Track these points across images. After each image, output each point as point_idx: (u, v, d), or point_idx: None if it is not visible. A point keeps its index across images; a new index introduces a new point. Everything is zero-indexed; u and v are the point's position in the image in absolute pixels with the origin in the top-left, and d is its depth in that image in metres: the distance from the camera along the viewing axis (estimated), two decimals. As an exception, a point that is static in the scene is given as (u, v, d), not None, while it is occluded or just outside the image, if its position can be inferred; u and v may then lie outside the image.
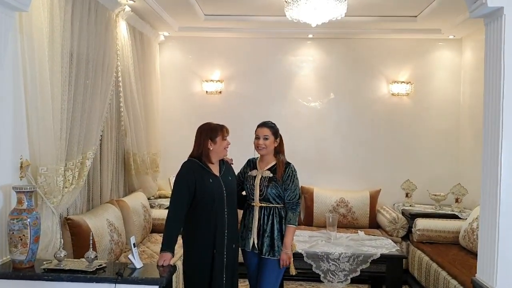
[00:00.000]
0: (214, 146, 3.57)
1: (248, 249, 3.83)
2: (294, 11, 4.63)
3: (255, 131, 3.91)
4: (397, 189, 6.52)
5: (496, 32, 3.08)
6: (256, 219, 3.80)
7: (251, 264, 3.90)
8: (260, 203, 3.80)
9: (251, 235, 3.81)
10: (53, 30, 3.54)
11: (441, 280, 4.76)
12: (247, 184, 3.89)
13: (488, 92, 3.20)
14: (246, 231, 3.85)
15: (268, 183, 3.79)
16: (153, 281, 3.00)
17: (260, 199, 3.80)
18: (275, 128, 3.91)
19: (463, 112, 6.65)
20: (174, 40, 6.91)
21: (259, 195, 3.80)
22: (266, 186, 3.79)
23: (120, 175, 5.62)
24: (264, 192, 3.78)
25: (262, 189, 3.79)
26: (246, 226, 3.87)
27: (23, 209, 3.05)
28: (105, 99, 4.66)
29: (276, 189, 3.78)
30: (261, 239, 3.77)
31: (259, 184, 3.80)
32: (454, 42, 6.70)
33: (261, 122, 3.95)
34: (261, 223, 3.78)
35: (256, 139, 3.88)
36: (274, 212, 3.79)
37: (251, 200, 3.85)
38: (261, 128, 3.88)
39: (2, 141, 3.11)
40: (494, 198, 3.09)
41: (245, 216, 3.90)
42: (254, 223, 3.80)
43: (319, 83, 6.91)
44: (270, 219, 3.78)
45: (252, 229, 3.81)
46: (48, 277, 2.97)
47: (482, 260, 3.26)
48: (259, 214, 3.80)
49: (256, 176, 3.86)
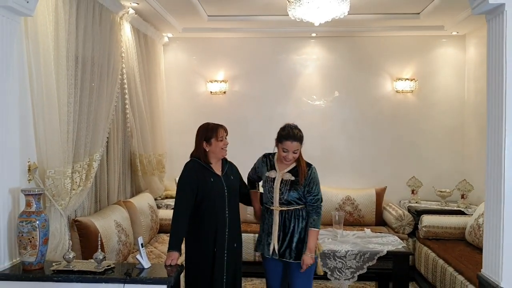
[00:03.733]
0: (209, 147, 3.60)
1: (268, 255, 3.67)
2: (296, 11, 4.65)
3: (282, 142, 3.59)
4: (403, 186, 6.53)
5: (498, 28, 3.08)
6: (277, 224, 3.62)
7: (274, 270, 3.75)
8: (280, 207, 3.63)
9: (271, 240, 3.64)
10: (58, 34, 3.58)
11: (447, 276, 4.77)
12: (265, 186, 3.71)
13: (491, 89, 3.20)
14: (266, 236, 3.69)
15: (290, 186, 3.61)
16: (161, 281, 3.02)
17: (280, 202, 3.63)
18: (303, 137, 3.63)
19: (468, 108, 6.65)
20: (178, 41, 6.95)
21: (279, 199, 3.63)
22: (288, 189, 3.60)
23: (126, 176, 5.66)
24: (285, 196, 3.60)
25: (283, 192, 3.61)
26: (265, 230, 3.70)
27: (32, 211, 3.08)
28: (110, 101, 4.70)
29: (297, 192, 3.61)
30: (285, 244, 3.61)
31: (279, 187, 3.63)
32: (457, 38, 6.70)
33: (290, 134, 3.59)
34: (282, 227, 3.62)
35: (284, 152, 3.59)
36: (295, 215, 3.62)
37: (270, 203, 3.67)
38: (292, 143, 3.56)
39: (9, 144, 3.14)
40: (499, 194, 3.10)
41: (264, 220, 3.74)
42: (274, 228, 3.63)
43: (323, 81, 6.93)
44: (292, 222, 3.61)
45: (273, 234, 3.64)
46: (57, 278, 3.01)
47: (487, 256, 3.26)
48: (280, 218, 3.63)
49: (275, 178, 3.66)
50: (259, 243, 3.76)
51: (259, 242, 3.78)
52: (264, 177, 3.73)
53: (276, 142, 3.67)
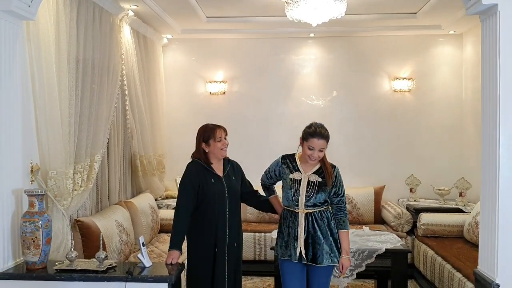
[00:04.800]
0: (208, 148, 3.64)
1: (296, 260, 3.49)
2: (294, 11, 4.69)
3: (308, 140, 3.46)
4: (401, 185, 6.58)
5: (492, 28, 3.13)
6: (303, 227, 3.47)
7: (295, 274, 3.56)
8: (306, 209, 3.49)
9: (297, 245, 3.48)
10: (59, 37, 3.63)
11: (446, 273, 4.82)
12: (290, 189, 3.52)
13: (485, 88, 3.25)
14: (291, 240, 3.51)
15: (318, 188, 3.50)
16: (162, 279, 3.07)
17: (306, 205, 3.48)
18: (329, 136, 3.52)
19: (466, 106, 6.69)
20: (177, 43, 6.99)
21: (305, 201, 3.48)
22: (316, 191, 3.49)
23: (127, 177, 5.71)
24: (312, 198, 3.48)
25: (309, 194, 3.48)
26: (290, 234, 3.52)
27: (35, 212, 3.13)
28: (111, 102, 4.75)
29: (324, 194, 3.50)
30: (316, 247, 3.46)
31: (306, 189, 3.49)
32: (454, 37, 6.74)
33: (317, 131, 3.47)
34: (308, 230, 3.47)
35: (309, 149, 3.46)
36: (320, 216, 3.50)
37: (294, 206, 3.51)
38: (318, 140, 3.44)
39: (12, 146, 3.20)
40: (493, 192, 3.14)
41: (287, 224, 3.55)
42: (301, 231, 3.47)
43: (321, 81, 6.97)
44: (320, 224, 3.49)
45: (299, 237, 3.48)
46: (60, 277, 3.05)
47: (483, 253, 3.31)
48: (305, 221, 3.48)
49: (301, 180, 3.53)
50: (284, 248, 3.55)
51: (282, 246, 3.57)
52: (288, 179, 3.56)
53: (301, 141, 3.53)
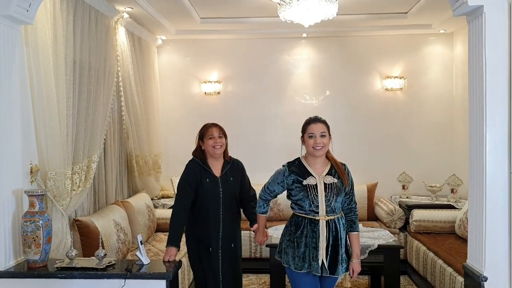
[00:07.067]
0: (203, 146, 3.74)
1: (318, 273, 3.15)
2: (287, 13, 4.76)
3: (306, 129, 3.27)
4: (394, 182, 6.67)
5: (478, 29, 3.22)
6: (324, 235, 3.14)
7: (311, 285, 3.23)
8: (327, 215, 3.16)
9: (319, 256, 3.14)
10: (56, 41, 3.70)
11: (437, 268, 4.92)
12: (307, 196, 3.17)
13: (472, 86, 3.34)
14: (310, 251, 3.15)
15: (337, 191, 3.20)
16: (160, 276, 3.15)
17: (326, 211, 3.17)
18: (326, 122, 3.31)
19: (456, 104, 6.79)
20: (172, 43, 7.05)
21: (326, 206, 3.17)
22: (335, 194, 3.18)
23: (123, 177, 5.77)
24: (333, 202, 3.17)
25: (329, 198, 3.17)
26: (307, 245, 3.16)
27: (36, 211, 3.21)
28: (107, 103, 4.81)
29: (341, 196, 3.23)
30: (334, 257, 3.18)
31: (325, 193, 3.18)
32: (445, 36, 6.84)
33: (312, 118, 3.30)
34: (329, 239, 3.16)
35: (310, 138, 3.22)
36: (339, 222, 3.22)
37: (313, 213, 3.17)
38: (316, 124, 3.24)
39: (12, 148, 3.26)
40: (481, 188, 3.25)
41: (305, 233, 3.18)
42: (322, 241, 3.15)
43: (314, 81, 7.05)
44: (338, 232, 3.20)
45: (320, 247, 3.14)
46: (61, 275, 3.13)
47: (471, 247, 3.43)
48: (326, 229, 3.16)
49: (317, 184, 3.19)
50: (300, 260, 3.18)
51: (296, 257, 3.20)
52: (301, 188, 3.20)
53: (302, 139, 3.33)
